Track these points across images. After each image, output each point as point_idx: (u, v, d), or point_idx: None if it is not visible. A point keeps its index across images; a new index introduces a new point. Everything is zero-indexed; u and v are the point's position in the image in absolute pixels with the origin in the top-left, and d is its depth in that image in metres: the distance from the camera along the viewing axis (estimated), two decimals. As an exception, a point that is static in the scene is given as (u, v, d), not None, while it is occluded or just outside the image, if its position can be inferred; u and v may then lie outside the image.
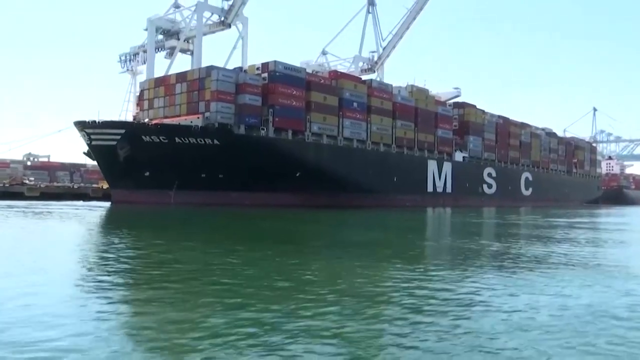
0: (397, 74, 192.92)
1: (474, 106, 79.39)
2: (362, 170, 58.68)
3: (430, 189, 70.57)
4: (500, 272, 13.16)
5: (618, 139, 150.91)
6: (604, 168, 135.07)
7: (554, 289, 10.69)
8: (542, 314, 8.52)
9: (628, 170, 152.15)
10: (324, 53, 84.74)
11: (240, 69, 58.20)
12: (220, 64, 59.47)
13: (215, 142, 48.55)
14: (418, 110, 68.05)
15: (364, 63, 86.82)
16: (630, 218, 48.95)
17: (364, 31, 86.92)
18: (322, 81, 58.67)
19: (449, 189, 73.47)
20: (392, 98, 64.98)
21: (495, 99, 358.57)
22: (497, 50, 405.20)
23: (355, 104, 59.91)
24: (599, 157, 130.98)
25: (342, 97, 58.62)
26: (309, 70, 61.27)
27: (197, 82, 52.64)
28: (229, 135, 49.43)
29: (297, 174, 51.82)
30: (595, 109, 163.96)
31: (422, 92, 70.71)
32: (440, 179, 72.18)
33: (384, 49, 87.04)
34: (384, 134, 63.24)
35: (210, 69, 52.33)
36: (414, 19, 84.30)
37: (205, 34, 67.36)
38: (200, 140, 48.59)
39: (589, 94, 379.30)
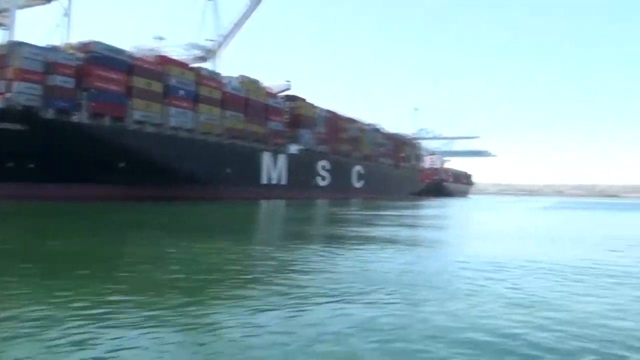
0: (233, 66, 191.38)
1: (304, 100, 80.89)
2: (193, 161, 56.35)
3: (264, 180, 70.34)
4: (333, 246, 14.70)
5: (437, 136, 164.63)
6: (427, 163, 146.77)
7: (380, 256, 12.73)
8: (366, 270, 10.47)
9: (446, 165, 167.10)
10: (159, 38, 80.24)
11: (55, 47, 52.56)
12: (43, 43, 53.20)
13: (18, 126, 43.10)
14: (249, 101, 67.29)
15: (199, 51, 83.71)
16: (448, 209, 53.14)
17: (203, 19, 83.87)
18: (148, 66, 55.22)
19: (283, 181, 73.94)
20: (222, 87, 63.43)
21: (324, 95, 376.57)
22: (327, 48, 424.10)
23: (182, 92, 57.34)
24: (422, 153, 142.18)
25: (168, 83, 55.72)
26: (140, 56, 57.43)
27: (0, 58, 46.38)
28: (35, 120, 44.23)
29: (121, 165, 48.18)
30: (416, 109, 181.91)
31: (253, 83, 70.10)
32: (275, 170, 72.32)
33: (224, 38, 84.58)
34: (213, 124, 61.45)
35: (15, 44, 46.41)
36: (253, 11, 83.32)
37: (21, 7, 60.01)
38: (-1, 124, 42.83)
39: (412, 94, 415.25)
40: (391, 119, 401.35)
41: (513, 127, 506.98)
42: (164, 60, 58.82)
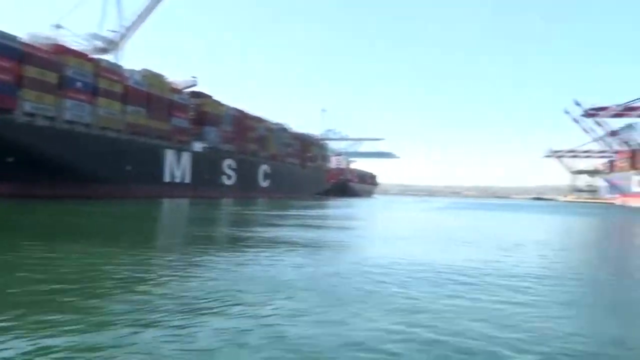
0: (138, 60, 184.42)
1: (211, 97, 79.51)
2: (90, 158, 53.58)
3: (167, 179, 68.32)
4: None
5: (344, 137, 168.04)
6: (333, 163, 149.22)
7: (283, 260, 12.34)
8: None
9: (352, 166, 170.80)
10: (56, 27, 75.29)
11: None
12: None
13: None
14: (152, 95, 65.03)
15: (100, 42, 79.59)
16: (352, 209, 54.19)
17: (105, 9, 79.77)
18: (42, 54, 51.72)
19: (187, 180, 72.21)
20: (124, 81, 60.86)
21: (232, 93, 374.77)
22: (237, 46, 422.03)
23: (79, 84, 54.29)
24: (329, 153, 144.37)
25: (64, 74, 52.55)
26: (35, 44, 53.57)
27: None
28: None
29: (9, 160, 44.86)
30: (324, 110, 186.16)
31: (156, 78, 67.82)
32: (178, 168, 70.44)
33: (126, 29, 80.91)
34: (113, 119, 58.74)
35: None
36: (158, 3, 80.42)
37: None
38: None
39: (320, 96, 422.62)
40: (299, 120, 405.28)
41: (416, 130, 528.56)
42: (61, 50, 55.32)
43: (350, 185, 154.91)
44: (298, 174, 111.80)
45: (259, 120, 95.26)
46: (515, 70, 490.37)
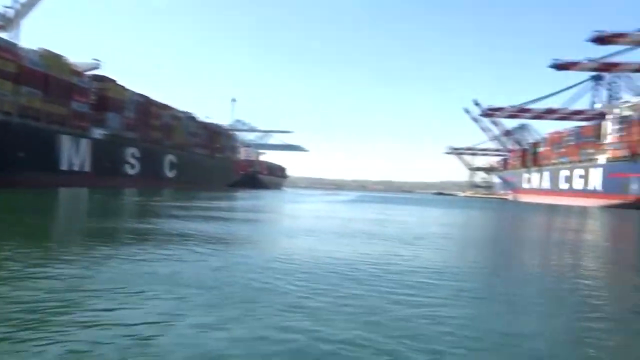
0: (38, 40, 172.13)
1: (114, 81, 75.85)
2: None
3: (64, 166, 64.46)
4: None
5: (253, 129, 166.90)
6: (242, 154, 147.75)
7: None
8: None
9: (261, 158, 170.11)
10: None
11: None
12: None
13: None
14: (49, 77, 60.93)
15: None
16: (260, 201, 53.69)
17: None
18: None
19: (87, 168, 68.57)
20: (18, 60, 56.52)
21: (140, 81, 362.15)
22: (147, 33, 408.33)
23: (-35, 61, 49.94)
24: (238, 144, 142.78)
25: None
26: None
27: None
28: None
29: None
30: (234, 100, 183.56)
31: (56, 58, 63.65)
32: (77, 156, 66.67)
33: (23, 6, 75.02)
34: (3, 100, 54.38)
35: None
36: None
37: None
38: None
39: (230, 85, 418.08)
40: (208, 109, 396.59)
41: (326, 125, 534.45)
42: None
43: (260, 177, 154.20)
44: (206, 165, 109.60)
45: (165, 107, 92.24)
46: (421, 68, 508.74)
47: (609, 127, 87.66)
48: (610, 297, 9.21)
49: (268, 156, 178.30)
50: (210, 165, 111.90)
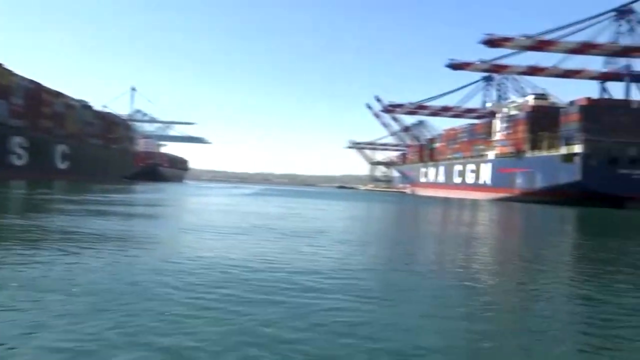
0: None
1: (0, 64, 70.21)
2: None
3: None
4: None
5: (154, 120, 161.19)
6: (141, 146, 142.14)
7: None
8: None
9: (162, 150, 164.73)
10: None
11: None
12: None
13: None
14: None
15: None
16: (160, 194, 51.61)
17: None
18: None
19: (-34, 158, 63.05)
20: None
21: (31, 65, 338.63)
22: (40, 16, 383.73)
23: None
24: (137, 135, 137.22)
25: None
26: None
27: None
28: None
29: None
30: (134, 89, 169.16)
31: None
32: (-46, 145, 61.13)
33: None
34: None
35: None
36: None
37: None
38: None
39: (129, 73, 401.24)
40: (105, 98, 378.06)
41: (230, 117, 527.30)
42: None
43: (160, 170, 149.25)
44: (102, 156, 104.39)
45: (57, 95, 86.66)
46: (326, 65, 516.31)
47: (498, 125, 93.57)
48: (497, 291, 9.59)
49: (169, 148, 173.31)
50: (106, 156, 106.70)
